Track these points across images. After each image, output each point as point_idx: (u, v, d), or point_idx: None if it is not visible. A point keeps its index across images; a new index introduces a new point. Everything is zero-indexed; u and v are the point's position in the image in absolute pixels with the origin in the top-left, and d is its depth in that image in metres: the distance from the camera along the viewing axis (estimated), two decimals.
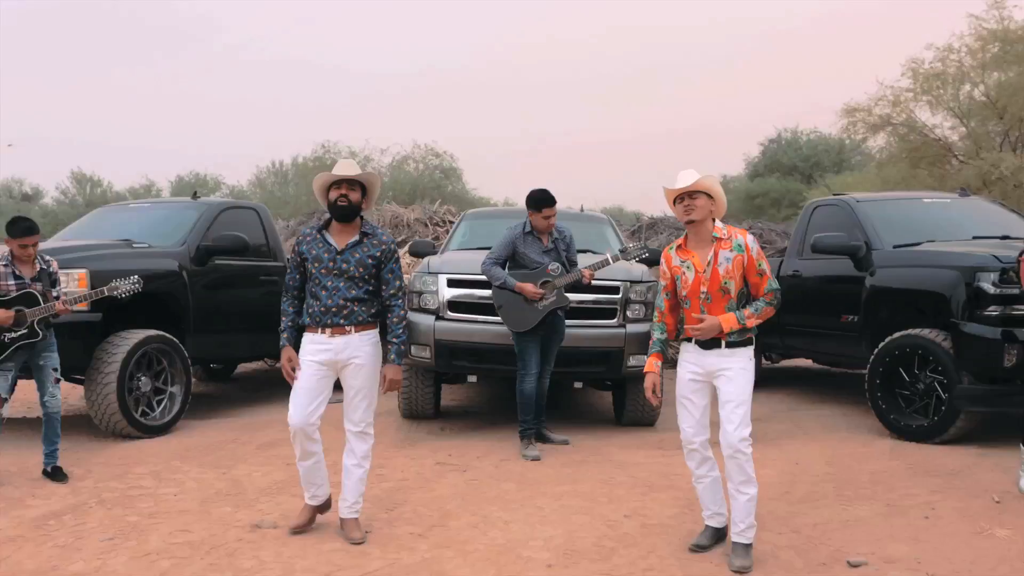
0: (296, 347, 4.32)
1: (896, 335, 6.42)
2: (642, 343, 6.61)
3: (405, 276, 6.04)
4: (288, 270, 4.36)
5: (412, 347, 6.71)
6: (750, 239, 3.99)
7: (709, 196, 3.93)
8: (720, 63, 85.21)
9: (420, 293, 6.80)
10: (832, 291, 7.57)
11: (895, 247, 6.94)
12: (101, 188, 37.79)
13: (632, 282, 6.75)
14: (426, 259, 7.19)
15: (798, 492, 5.10)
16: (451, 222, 14.12)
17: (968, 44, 18.47)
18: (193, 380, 9.81)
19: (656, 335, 4.15)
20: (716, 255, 3.94)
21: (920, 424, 6.24)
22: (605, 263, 6.27)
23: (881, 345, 6.49)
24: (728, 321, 3.88)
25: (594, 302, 6.67)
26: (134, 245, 7.04)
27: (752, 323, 3.91)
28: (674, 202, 4.00)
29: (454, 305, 6.68)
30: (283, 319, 4.35)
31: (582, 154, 68.51)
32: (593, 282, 6.26)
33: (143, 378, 6.63)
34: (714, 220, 4.00)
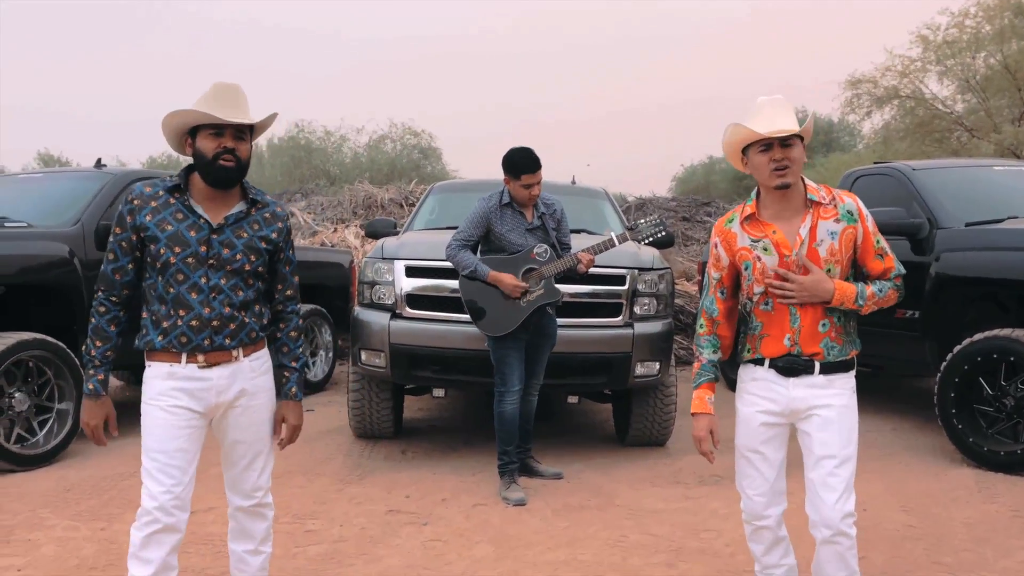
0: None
1: (977, 337, 5.03)
2: (653, 346, 5.26)
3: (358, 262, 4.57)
4: (110, 256, 2.62)
5: (362, 352, 5.32)
6: (862, 205, 2.59)
7: (802, 141, 2.53)
8: (718, 36, 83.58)
9: (372, 284, 5.37)
10: None
11: (968, 225, 5.56)
12: None
13: (641, 269, 5.34)
14: (380, 241, 5.75)
15: (878, 557, 3.72)
16: None
17: (985, 10, 17.17)
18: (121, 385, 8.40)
19: (706, 355, 2.74)
20: (814, 228, 2.54)
21: (1010, 451, 4.88)
22: (609, 245, 4.81)
23: (957, 349, 5.10)
24: (844, 293, 2.51)
25: (592, 295, 5.26)
26: (6, 224, 5.53)
27: (868, 308, 2.55)
28: (743, 152, 2.59)
29: (415, 300, 5.25)
30: (94, 345, 2.59)
31: (567, 132, 66.72)
32: (591, 270, 4.85)
33: (17, 394, 5.17)
34: (802, 177, 2.60)
